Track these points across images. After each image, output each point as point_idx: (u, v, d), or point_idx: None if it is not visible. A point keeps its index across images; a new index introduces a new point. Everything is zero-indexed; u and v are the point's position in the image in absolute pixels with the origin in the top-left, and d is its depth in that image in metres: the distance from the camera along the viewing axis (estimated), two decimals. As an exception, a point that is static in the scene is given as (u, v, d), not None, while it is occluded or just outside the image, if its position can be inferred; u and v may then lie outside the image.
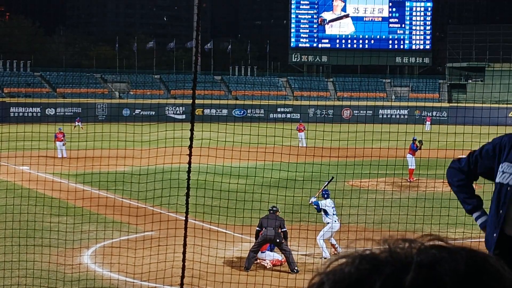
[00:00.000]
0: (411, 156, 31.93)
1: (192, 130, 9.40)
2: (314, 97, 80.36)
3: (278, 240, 16.08)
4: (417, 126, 38.75)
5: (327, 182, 18.33)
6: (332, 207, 17.68)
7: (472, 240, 14.74)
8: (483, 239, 4.83)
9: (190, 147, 9.24)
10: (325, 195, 17.79)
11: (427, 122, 63.38)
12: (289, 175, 20.96)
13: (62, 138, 38.43)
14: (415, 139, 32.29)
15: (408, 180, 30.92)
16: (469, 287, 1.10)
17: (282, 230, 16.23)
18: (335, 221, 17.52)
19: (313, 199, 17.80)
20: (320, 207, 17.55)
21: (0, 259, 15.79)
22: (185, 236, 10.01)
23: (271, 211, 16.61)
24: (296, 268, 16.05)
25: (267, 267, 16.49)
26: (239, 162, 19.93)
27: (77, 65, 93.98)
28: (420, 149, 31.46)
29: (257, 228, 16.54)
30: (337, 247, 17.69)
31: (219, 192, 16.80)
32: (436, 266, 1.11)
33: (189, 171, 9.57)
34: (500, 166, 4.57)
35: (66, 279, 14.63)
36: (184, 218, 10.26)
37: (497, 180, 4.57)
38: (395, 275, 1.11)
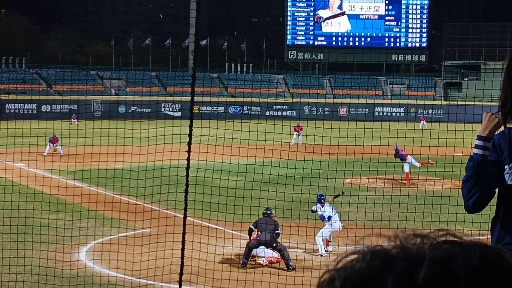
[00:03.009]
0: (410, 158, 31.28)
1: (190, 127, 9.38)
2: (311, 94, 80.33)
3: (274, 245, 16.13)
4: (413, 124, 38.78)
5: (335, 196, 18.49)
6: (333, 210, 17.68)
7: (472, 238, 14.74)
8: (483, 237, 4.76)
9: (189, 144, 9.21)
10: (321, 200, 17.73)
11: (422, 121, 63.36)
12: (287, 172, 20.95)
13: (55, 143, 38.06)
14: (397, 149, 30.94)
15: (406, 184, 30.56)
16: (483, 282, 1.08)
17: (276, 232, 16.24)
18: (335, 222, 17.54)
19: (317, 209, 17.78)
20: (325, 216, 17.49)
21: (-3, 255, 15.77)
22: (184, 233, 10.00)
23: (265, 214, 16.57)
24: (291, 264, 16.09)
25: (263, 264, 16.53)
26: (238, 159, 19.91)
27: (73, 62, 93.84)
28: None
29: (251, 226, 16.52)
30: (329, 242, 17.77)
31: (218, 189, 16.80)
32: (450, 261, 1.09)
33: (187, 168, 9.56)
34: (507, 166, 4.32)
35: (63, 276, 14.62)
36: (182, 215, 10.25)
37: (510, 182, 4.31)
38: (408, 271, 1.08)
